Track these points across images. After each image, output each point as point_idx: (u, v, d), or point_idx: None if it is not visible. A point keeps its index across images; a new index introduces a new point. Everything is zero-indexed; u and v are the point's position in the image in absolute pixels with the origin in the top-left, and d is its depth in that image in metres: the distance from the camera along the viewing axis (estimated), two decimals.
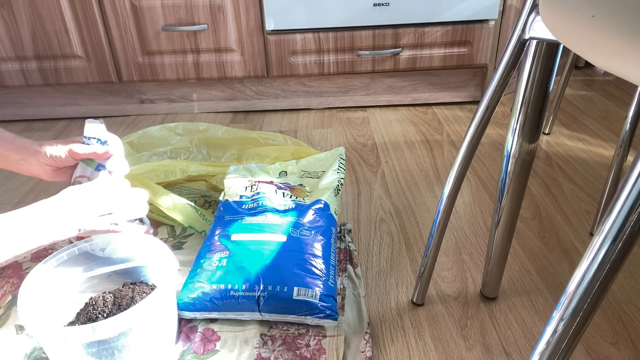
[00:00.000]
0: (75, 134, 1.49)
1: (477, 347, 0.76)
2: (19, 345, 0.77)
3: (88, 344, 0.63)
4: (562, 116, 1.51)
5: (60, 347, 0.65)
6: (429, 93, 1.61)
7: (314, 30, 1.44)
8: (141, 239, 0.78)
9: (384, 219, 1.06)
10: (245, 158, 1.22)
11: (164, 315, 0.72)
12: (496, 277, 0.83)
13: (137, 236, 0.78)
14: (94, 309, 0.77)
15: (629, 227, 0.39)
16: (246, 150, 1.23)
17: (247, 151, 1.23)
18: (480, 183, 1.18)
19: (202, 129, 1.26)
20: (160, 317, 0.71)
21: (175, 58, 1.48)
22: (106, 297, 0.79)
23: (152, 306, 0.66)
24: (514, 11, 1.46)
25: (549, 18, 0.49)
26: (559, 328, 0.43)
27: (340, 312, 0.80)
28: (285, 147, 1.23)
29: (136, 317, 0.65)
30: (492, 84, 0.66)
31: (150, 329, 0.69)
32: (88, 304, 0.78)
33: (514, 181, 0.72)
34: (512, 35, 0.62)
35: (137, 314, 0.65)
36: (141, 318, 0.66)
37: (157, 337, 0.71)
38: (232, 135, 1.27)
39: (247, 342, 0.76)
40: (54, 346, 0.66)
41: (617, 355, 0.74)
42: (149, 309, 0.66)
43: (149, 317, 0.67)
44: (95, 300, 0.78)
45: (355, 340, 0.76)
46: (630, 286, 0.86)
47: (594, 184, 1.17)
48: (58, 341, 0.64)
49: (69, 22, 1.41)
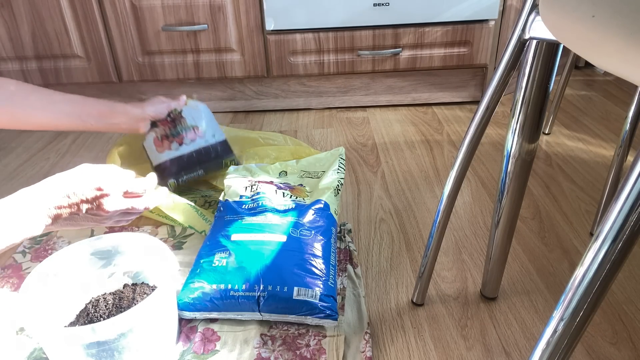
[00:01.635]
0: (75, 133, 1.50)
1: (477, 347, 0.76)
2: (19, 345, 0.77)
3: (88, 345, 0.63)
4: (562, 116, 1.51)
5: (61, 348, 0.65)
6: (429, 93, 1.61)
7: (314, 30, 1.44)
8: (142, 240, 0.78)
9: (384, 219, 1.06)
10: (245, 158, 1.21)
11: (164, 316, 0.72)
12: (496, 277, 0.83)
13: (138, 238, 0.78)
14: (95, 310, 0.77)
15: (629, 227, 0.39)
16: (246, 150, 1.23)
17: (247, 151, 1.23)
18: (480, 183, 1.18)
19: None
20: (161, 318, 0.71)
21: (175, 58, 1.48)
22: (107, 298, 0.79)
23: (152, 307, 0.66)
24: (514, 11, 1.46)
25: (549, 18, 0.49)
26: (559, 328, 0.43)
27: (340, 312, 0.80)
28: (285, 147, 1.23)
29: (136, 317, 0.65)
30: (492, 84, 0.66)
31: (151, 330, 0.69)
32: (88, 304, 0.78)
33: (514, 181, 0.72)
34: (512, 35, 0.62)
35: (137, 315, 0.65)
36: (141, 319, 0.66)
37: (158, 337, 0.71)
38: (232, 135, 1.26)
39: (247, 342, 0.76)
40: (54, 347, 0.66)
41: (617, 355, 0.74)
42: (149, 309, 0.66)
43: (149, 318, 0.67)
44: (95, 301, 0.78)
45: (355, 340, 0.76)
46: (630, 286, 0.86)
47: (594, 184, 1.17)
48: (58, 342, 0.64)
49: (68, 22, 1.41)
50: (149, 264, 0.82)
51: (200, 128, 1.13)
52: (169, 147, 1.11)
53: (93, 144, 1.43)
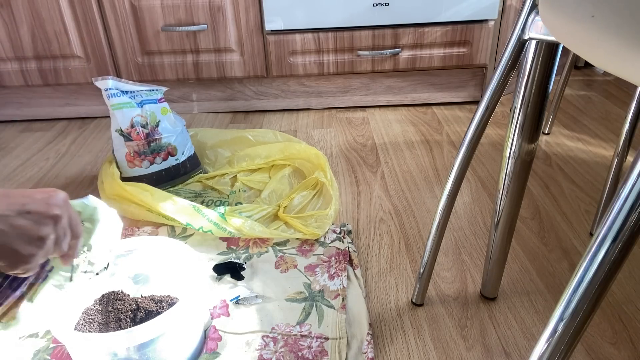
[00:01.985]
0: (74, 133, 1.50)
1: (477, 347, 0.76)
2: (22, 348, 0.76)
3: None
4: (562, 116, 1.51)
5: (88, 351, 0.65)
6: (429, 93, 1.61)
7: (313, 30, 1.44)
8: (163, 244, 0.78)
9: (384, 219, 1.06)
10: (237, 160, 1.23)
11: (190, 323, 0.72)
12: (496, 277, 0.83)
13: (162, 243, 0.78)
14: (118, 300, 0.76)
15: (629, 227, 0.39)
16: (237, 153, 1.25)
17: (237, 153, 1.25)
18: (480, 183, 1.18)
19: (192, 134, 1.27)
20: (187, 325, 0.71)
21: (175, 58, 1.48)
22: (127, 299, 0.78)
23: (184, 311, 0.66)
24: (513, 11, 1.46)
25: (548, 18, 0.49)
26: (559, 328, 0.43)
27: (341, 312, 0.80)
28: (275, 145, 1.23)
29: (171, 321, 0.64)
30: (491, 84, 0.66)
31: (179, 336, 0.69)
32: (111, 296, 0.77)
33: (514, 181, 0.72)
34: (511, 35, 0.62)
35: (171, 318, 0.64)
36: (175, 322, 0.66)
37: (183, 346, 0.71)
38: (222, 138, 1.28)
39: (249, 344, 0.76)
40: (80, 349, 0.66)
41: (617, 355, 0.74)
42: (182, 314, 0.66)
43: (180, 322, 0.67)
44: (118, 295, 0.77)
45: (357, 342, 0.76)
46: (630, 286, 0.86)
47: (594, 184, 1.17)
48: (94, 347, 0.64)
49: (68, 22, 1.41)
50: (161, 268, 0.81)
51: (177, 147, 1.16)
52: (140, 164, 1.12)
53: (93, 144, 1.43)
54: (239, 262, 0.92)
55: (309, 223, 1.01)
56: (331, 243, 0.96)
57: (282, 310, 0.82)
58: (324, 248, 0.95)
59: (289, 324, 0.79)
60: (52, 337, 0.78)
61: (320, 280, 0.88)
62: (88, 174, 1.25)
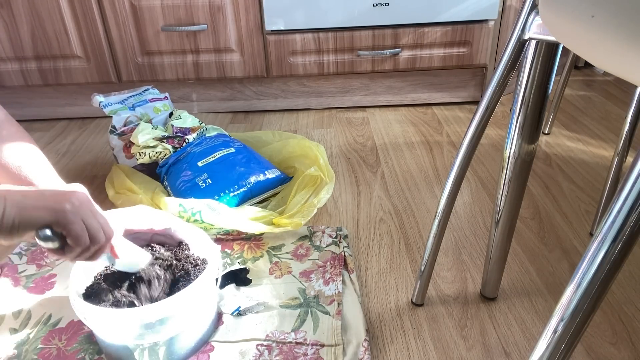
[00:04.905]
0: (74, 133, 1.50)
1: (477, 347, 0.76)
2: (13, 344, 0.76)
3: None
4: (562, 116, 1.51)
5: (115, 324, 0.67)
6: (429, 93, 1.61)
7: (313, 30, 1.44)
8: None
9: (384, 219, 1.06)
10: None
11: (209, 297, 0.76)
12: (496, 277, 0.83)
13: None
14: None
15: (629, 227, 0.39)
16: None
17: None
18: (480, 183, 1.18)
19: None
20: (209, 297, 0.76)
21: (175, 58, 1.48)
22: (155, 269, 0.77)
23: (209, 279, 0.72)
24: (513, 11, 1.46)
25: (548, 18, 0.49)
26: (559, 328, 0.43)
27: (337, 317, 0.79)
28: (273, 146, 1.23)
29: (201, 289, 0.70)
30: (491, 84, 0.66)
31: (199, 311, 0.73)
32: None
33: (514, 181, 0.72)
34: (511, 35, 0.62)
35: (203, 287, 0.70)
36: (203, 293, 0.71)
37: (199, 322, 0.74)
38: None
39: (243, 354, 0.74)
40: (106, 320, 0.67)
41: (617, 355, 0.74)
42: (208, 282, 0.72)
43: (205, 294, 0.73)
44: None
45: (352, 348, 0.74)
46: (630, 286, 0.86)
47: (594, 184, 1.17)
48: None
49: (68, 22, 1.41)
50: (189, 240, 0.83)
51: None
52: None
53: (93, 144, 1.43)
54: (240, 266, 0.91)
55: (296, 217, 0.98)
56: (327, 247, 0.95)
57: (276, 317, 0.80)
58: (320, 252, 0.94)
59: (284, 331, 0.77)
60: (41, 337, 0.77)
61: (315, 286, 0.86)
62: (88, 174, 1.25)
